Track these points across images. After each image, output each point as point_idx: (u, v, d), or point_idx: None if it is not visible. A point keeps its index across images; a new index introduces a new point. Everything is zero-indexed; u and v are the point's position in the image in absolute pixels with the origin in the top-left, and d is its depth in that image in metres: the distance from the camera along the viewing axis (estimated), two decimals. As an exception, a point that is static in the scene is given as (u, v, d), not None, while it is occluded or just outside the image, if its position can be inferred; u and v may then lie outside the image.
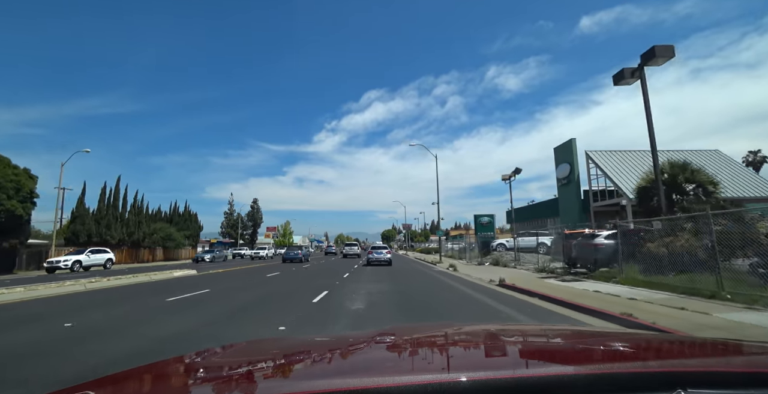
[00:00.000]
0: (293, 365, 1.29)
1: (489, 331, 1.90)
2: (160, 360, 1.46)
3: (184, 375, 1.33)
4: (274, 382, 1.07)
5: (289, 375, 1.16)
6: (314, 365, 1.28)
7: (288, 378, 1.12)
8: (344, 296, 10.34)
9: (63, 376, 3.99)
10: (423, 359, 1.33)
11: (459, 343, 1.61)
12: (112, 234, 35.72)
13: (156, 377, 1.28)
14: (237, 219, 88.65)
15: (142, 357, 4.34)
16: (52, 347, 5.26)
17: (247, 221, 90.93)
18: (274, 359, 1.37)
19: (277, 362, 1.31)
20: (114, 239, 35.94)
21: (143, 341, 5.67)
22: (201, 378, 1.21)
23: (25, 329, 6.75)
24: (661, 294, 8.65)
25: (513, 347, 1.52)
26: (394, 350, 1.50)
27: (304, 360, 1.32)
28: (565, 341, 1.61)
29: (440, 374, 0.98)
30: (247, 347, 1.81)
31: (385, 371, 1.08)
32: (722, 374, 0.94)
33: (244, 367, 1.26)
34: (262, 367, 1.26)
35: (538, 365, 1.12)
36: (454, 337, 1.71)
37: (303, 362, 1.31)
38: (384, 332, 1.78)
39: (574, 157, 30.39)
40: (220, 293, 11.97)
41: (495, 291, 11.23)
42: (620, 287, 10.04)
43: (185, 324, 6.89)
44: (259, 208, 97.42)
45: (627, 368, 0.98)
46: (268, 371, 1.21)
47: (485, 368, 1.05)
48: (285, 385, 1.02)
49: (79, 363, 4.51)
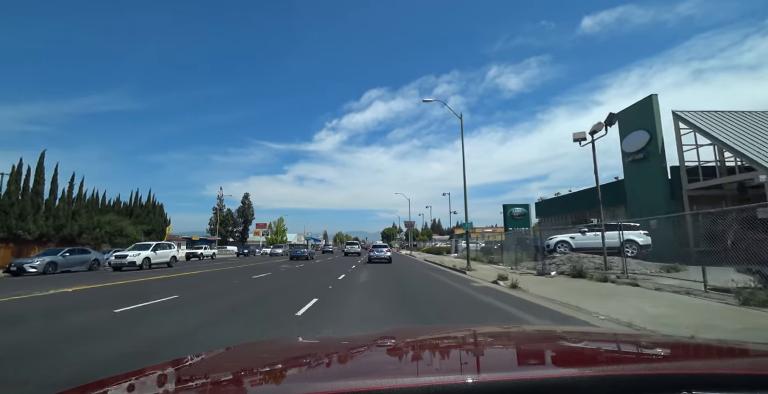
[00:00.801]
0: (295, 367, 1.28)
1: (491, 332, 1.89)
2: (160, 363, 1.40)
3: (183, 377, 1.28)
4: (275, 384, 1.08)
5: (291, 377, 1.15)
6: (316, 367, 1.28)
7: (289, 380, 1.11)
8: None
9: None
10: (425, 360, 1.33)
11: (461, 345, 1.58)
12: (28, 227, 27.20)
13: (155, 378, 1.25)
14: (227, 215, 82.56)
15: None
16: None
17: (237, 218, 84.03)
18: (275, 360, 1.39)
19: (278, 363, 1.32)
20: (32, 233, 27.45)
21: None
22: (201, 379, 1.18)
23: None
24: None
25: (516, 349, 1.49)
26: (396, 352, 1.48)
27: (306, 362, 1.32)
28: (569, 342, 1.58)
29: (443, 375, 0.96)
30: (247, 348, 1.87)
31: (387, 373, 1.09)
32: (727, 376, 0.92)
33: (245, 369, 1.27)
34: (264, 369, 1.26)
35: (541, 367, 1.11)
36: (456, 339, 1.70)
37: (304, 364, 1.31)
38: (386, 334, 1.75)
39: (656, 121, 21.58)
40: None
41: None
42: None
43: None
44: (251, 203, 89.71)
45: (631, 370, 0.96)
46: (269, 373, 1.21)
47: (488, 370, 1.05)
48: (287, 387, 1.02)
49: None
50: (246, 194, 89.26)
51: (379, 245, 30.19)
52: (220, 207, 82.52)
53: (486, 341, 1.64)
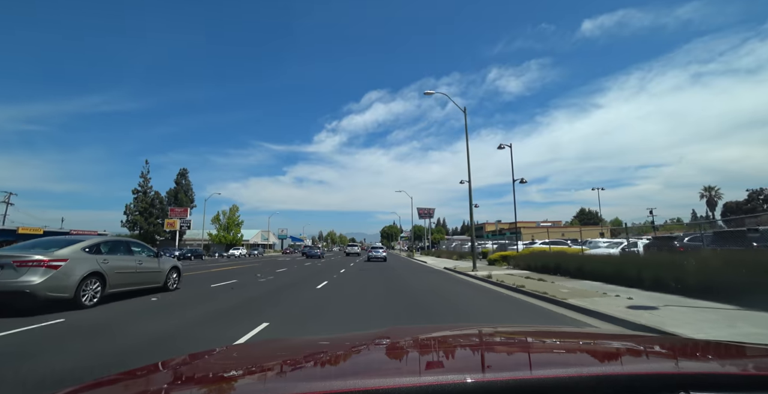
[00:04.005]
0: (293, 367, 1.24)
1: (491, 332, 1.86)
2: (160, 361, 1.37)
3: (183, 376, 1.24)
4: (273, 383, 1.04)
5: (289, 377, 1.12)
6: (314, 367, 1.26)
7: (288, 380, 1.07)
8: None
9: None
10: (425, 360, 1.30)
11: (460, 344, 1.55)
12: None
13: (155, 377, 1.23)
14: (152, 200, 53.15)
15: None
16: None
17: (167, 204, 55.59)
18: (273, 360, 1.35)
19: (276, 363, 1.29)
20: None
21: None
22: (201, 379, 1.15)
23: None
24: None
25: (515, 349, 1.48)
26: (395, 352, 1.45)
27: (304, 361, 1.29)
28: (567, 342, 1.55)
29: (443, 375, 0.96)
30: (246, 348, 1.88)
31: (386, 373, 1.08)
32: (725, 376, 0.93)
33: (244, 368, 1.24)
34: (262, 368, 1.22)
35: (540, 367, 1.06)
36: (455, 339, 1.67)
37: (303, 363, 1.27)
38: (385, 334, 1.73)
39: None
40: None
41: None
42: None
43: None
44: (190, 184, 59.27)
45: (629, 371, 0.98)
46: (267, 372, 1.18)
47: (488, 370, 1.04)
48: (285, 386, 0.97)
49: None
50: (183, 169, 59.13)
51: (376, 246, 37.99)
52: (144, 188, 52.72)
53: (485, 341, 1.62)
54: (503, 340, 1.68)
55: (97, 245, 8.44)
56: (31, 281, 6.79)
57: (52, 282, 7.00)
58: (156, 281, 10.00)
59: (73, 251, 7.68)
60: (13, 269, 6.87)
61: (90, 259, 7.93)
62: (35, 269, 6.96)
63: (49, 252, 7.36)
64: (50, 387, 4.18)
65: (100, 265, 8.03)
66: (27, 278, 6.84)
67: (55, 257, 7.27)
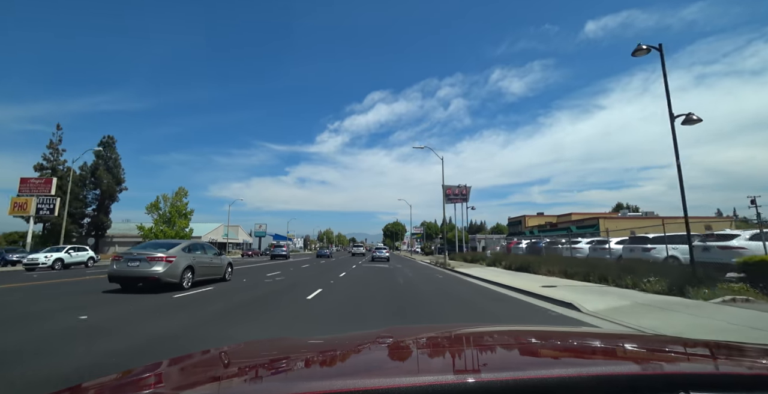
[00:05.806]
0: (293, 366, 1.26)
1: (491, 332, 1.89)
2: (159, 361, 1.38)
3: (183, 376, 1.26)
4: (273, 383, 1.05)
5: (290, 376, 1.14)
6: (315, 366, 1.27)
7: (288, 379, 1.09)
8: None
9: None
10: (426, 360, 1.33)
11: (461, 344, 1.56)
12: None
13: (154, 377, 1.21)
14: (67, 180, 37.06)
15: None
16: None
17: (88, 185, 43.94)
18: (273, 359, 1.36)
19: (277, 362, 1.30)
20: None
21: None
22: (200, 378, 1.17)
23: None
24: None
25: (515, 349, 1.48)
26: (396, 351, 1.47)
27: (305, 361, 1.31)
28: (567, 342, 1.57)
29: (443, 375, 0.97)
30: (246, 347, 1.85)
31: (387, 372, 1.08)
32: (725, 376, 0.93)
33: (244, 368, 1.25)
34: (262, 368, 1.25)
35: (540, 367, 1.07)
36: (456, 338, 1.68)
37: (303, 363, 1.29)
38: (385, 333, 1.76)
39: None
40: None
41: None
42: None
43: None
44: (118, 157, 46.26)
45: (628, 370, 0.98)
46: (268, 371, 1.19)
47: (488, 370, 1.05)
48: (285, 386, 0.97)
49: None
50: (107, 136, 45.35)
51: (380, 246, 41.01)
52: (51, 165, 40.74)
53: (485, 341, 1.64)
54: (504, 340, 1.69)
55: (189, 246, 12.46)
56: (158, 270, 10.71)
57: (169, 271, 10.86)
58: (219, 273, 13.86)
59: (177, 251, 11.58)
60: (147, 262, 10.85)
61: (187, 256, 11.84)
62: (159, 262, 10.88)
63: (166, 251, 11.27)
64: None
65: (191, 260, 12.00)
66: (155, 268, 10.74)
67: (169, 254, 11.15)
